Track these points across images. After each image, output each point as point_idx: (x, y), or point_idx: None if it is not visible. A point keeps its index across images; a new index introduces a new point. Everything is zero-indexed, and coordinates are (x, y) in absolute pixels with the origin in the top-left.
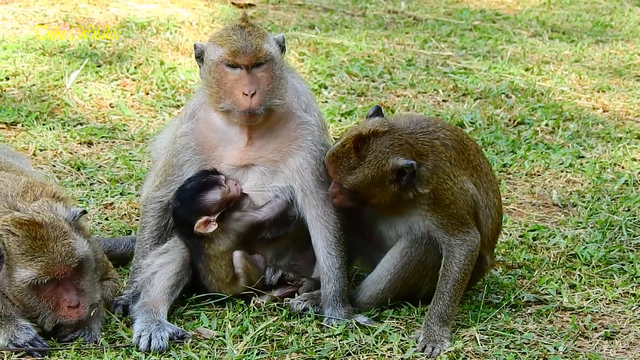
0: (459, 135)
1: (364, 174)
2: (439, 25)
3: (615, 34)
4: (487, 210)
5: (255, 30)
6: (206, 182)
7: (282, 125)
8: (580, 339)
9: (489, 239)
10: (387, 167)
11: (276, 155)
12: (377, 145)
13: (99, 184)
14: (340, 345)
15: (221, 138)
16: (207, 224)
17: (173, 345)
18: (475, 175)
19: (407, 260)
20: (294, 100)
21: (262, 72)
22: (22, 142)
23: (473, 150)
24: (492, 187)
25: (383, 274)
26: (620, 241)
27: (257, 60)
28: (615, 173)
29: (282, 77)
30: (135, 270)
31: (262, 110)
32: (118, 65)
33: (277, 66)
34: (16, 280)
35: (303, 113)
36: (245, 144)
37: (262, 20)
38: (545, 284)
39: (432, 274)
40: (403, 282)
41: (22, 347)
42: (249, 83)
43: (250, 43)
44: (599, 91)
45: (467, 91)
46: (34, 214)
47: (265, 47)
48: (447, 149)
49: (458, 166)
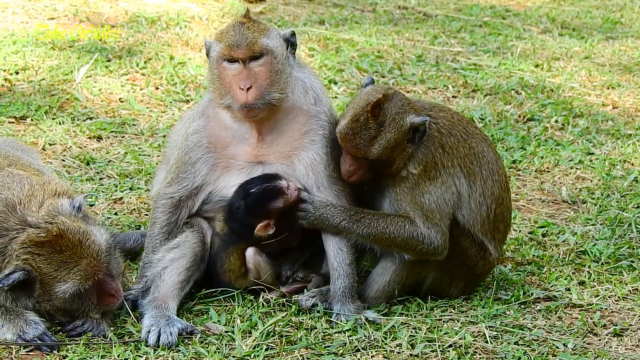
0: (462, 123)
1: (387, 139)
2: (449, 21)
3: (625, 30)
4: (481, 198)
5: (254, 25)
6: (272, 191)
7: (291, 120)
8: (589, 336)
9: (487, 226)
10: (405, 127)
11: (289, 149)
12: (391, 108)
13: (108, 179)
14: (349, 341)
15: (232, 136)
16: (267, 227)
17: (182, 341)
18: (474, 163)
19: None
20: (301, 95)
21: (260, 67)
22: (32, 137)
23: (478, 138)
24: (494, 177)
25: (387, 265)
26: (629, 238)
27: (253, 54)
28: (625, 170)
29: (282, 71)
30: (145, 265)
31: (260, 104)
32: (128, 60)
33: (277, 60)
34: (58, 295)
35: (312, 107)
36: (257, 140)
37: (272, 15)
38: (555, 280)
39: (434, 262)
40: (407, 271)
41: (30, 341)
42: (245, 77)
43: (246, 37)
44: (608, 88)
45: (477, 87)
46: (48, 226)
47: (263, 41)
48: (443, 135)
49: (453, 154)
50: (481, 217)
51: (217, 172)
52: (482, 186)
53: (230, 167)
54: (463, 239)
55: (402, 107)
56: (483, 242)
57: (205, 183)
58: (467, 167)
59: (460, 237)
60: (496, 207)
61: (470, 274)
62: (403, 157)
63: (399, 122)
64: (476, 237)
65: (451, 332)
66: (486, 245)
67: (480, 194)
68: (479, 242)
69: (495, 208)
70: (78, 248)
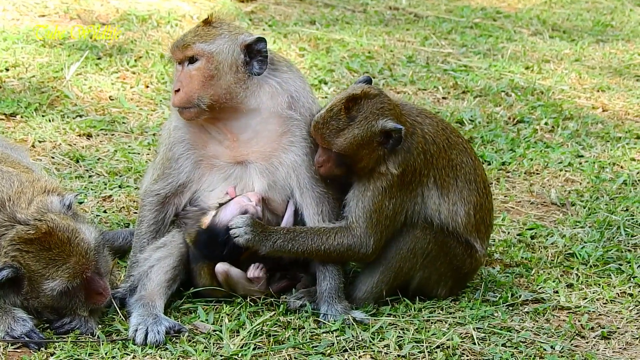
0: (447, 132)
1: (354, 135)
2: (439, 23)
3: (615, 33)
4: (455, 207)
5: (204, 30)
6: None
7: (264, 121)
8: (577, 338)
9: (470, 228)
10: (376, 128)
11: (268, 149)
12: (368, 107)
13: (97, 177)
14: (337, 341)
15: (208, 135)
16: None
17: (169, 339)
18: (450, 175)
19: (397, 249)
20: (267, 99)
21: (194, 70)
22: (21, 134)
23: (459, 149)
24: (470, 186)
25: (375, 266)
26: (618, 241)
27: (186, 57)
28: (614, 173)
29: (220, 77)
30: (132, 264)
31: (188, 107)
32: (118, 58)
33: (216, 66)
34: (46, 292)
35: (285, 110)
36: (230, 140)
37: (263, 15)
38: (543, 282)
39: (421, 261)
40: (395, 272)
41: (18, 338)
42: (176, 79)
43: (183, 40)
44: (598, 90)
45: (467, 89)
46: (37, 223)
47: (199, 46)
48: (427, 142)
49: (432, 164)
50: (461, 222)
51: (200, 169)
52: (458, 196)
53: (213, 166)
54: (450, 239)
55: (380, 109)
56: (469, 240)
57: (190, 180)
58: (441, 179)
59: (447, 238)
60: (475, 213)
61: (458, 273)
62: (372, 158)
63: (371, 122)
64: (460, 238)
65: (439, 333)
66: (472, 243)
67: (454, 203)
68: (464, 240)
69: (474, 214)
70: (67, 246)
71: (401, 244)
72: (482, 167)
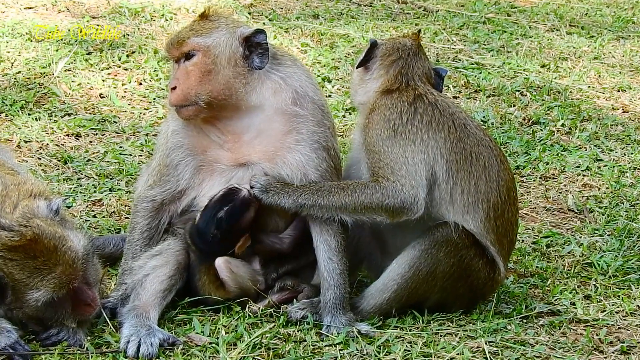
0: (463, 121)
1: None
2: (450, 17)
3: (637, 30)
4: (470, 198)
5: (200, 24)
6: (240, 206)
7: (268, 118)
8: (595, 353)
9: (488, 236)
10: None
11: (272, 148)
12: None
13: (87, 179)
14: (340, 355)
15: (207, 138)
16: (245, 242)
17: (163, 352)
18: (464, 162)
19: (416, 270)
20: (270, 95)
21: (191, 66)
22: (6, 133)
23: (474, 139)
24: (485, 179)
25: (389, 284)
26: (639, 250)
27: (181, 53)
28: (635, 177)
29: (218, 71)
30: (124, 271)
31: (186, 105)
32: (109, 53)
33: (213, 60)
34: (30, 302)
35: (290, 107)
36: (231, 141)
37: (264, 8)
38: (559, 294)
39: (441, 284)
40: (410, 292)
41: (2, 350)
42: (172, 77)
43: (178, 36)
44: (619, 90)
45: (479, 87)
46: (22, 230)
47: (194, 40)
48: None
49: (446, 137)
50: (480, 220)
51: (200, 175)
52: (474, 188)
53: (214, 171)
54: (476, 260)
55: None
56: (495, 260)
57: (189, 187)
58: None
59: (472, 260)
60: (496, 216)
61: (476, 294)
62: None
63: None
64: (487, 253)
65: (448, 347)
66: (497, 263)
67: (468, 193)
68: (490, 259)
69: (496, 217)
70: (53, 254)
71: (422, 265)
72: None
